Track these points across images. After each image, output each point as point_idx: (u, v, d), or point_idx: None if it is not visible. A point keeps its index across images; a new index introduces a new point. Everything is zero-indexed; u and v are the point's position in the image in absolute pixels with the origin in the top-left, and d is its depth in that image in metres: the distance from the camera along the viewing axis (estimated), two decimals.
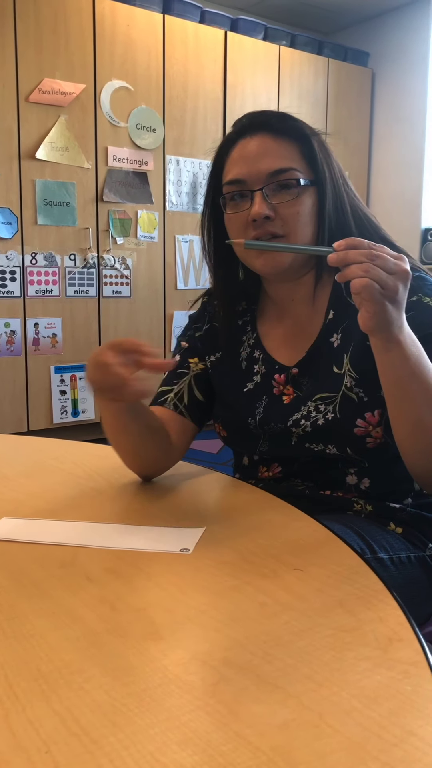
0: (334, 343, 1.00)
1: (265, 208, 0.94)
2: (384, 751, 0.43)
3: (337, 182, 0.99)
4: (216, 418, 1.12)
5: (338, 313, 1.01)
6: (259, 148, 0.96)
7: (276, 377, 1.05)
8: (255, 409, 1.05)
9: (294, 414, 1.01)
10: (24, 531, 0.82)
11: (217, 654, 0.55)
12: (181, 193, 3.88)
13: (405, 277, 0.77)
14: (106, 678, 0.52)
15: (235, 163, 0.98)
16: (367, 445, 0.96)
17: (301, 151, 0.97)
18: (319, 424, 0.97)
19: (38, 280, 3.42)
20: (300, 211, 0.96)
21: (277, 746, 0.44)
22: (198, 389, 1.11)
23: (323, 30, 5.01)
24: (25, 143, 3.31)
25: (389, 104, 4.75)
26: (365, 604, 0.63)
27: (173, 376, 1.12)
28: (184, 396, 1.10)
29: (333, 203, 0.98)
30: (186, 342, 1.16)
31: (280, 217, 0.95)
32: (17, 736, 0.45)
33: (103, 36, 3.50)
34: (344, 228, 0.99)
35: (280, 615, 0.61)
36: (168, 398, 1.09)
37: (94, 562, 0.73)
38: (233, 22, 4.08)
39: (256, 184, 0.96)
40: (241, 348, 1.10)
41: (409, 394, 0.83)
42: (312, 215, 0.97)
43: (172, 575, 0.70)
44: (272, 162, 0.95)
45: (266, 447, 1.05)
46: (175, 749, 0.44)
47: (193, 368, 1.12)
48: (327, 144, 1.01)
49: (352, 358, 0.97)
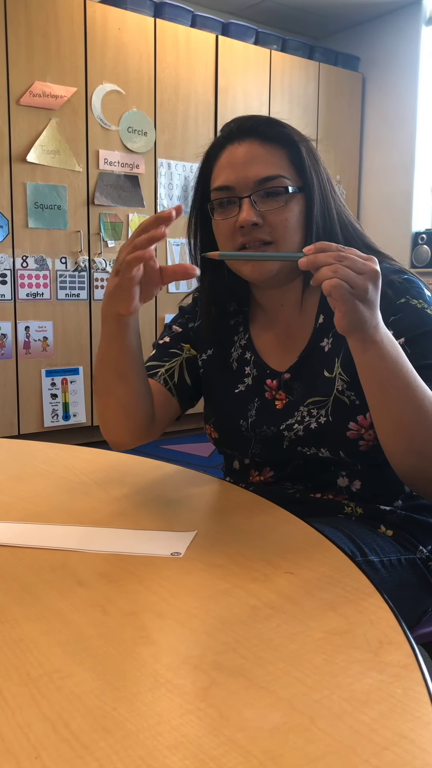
0: (324, 348, 1.00)
1: (253, 215, 0.94)
2: (375, 754, 0.43)
3: (324, 189, 0.99)
4: (207, 419, 1.12)
5: (328, 317, 1.01)
6: (247, 154, 0.96)
7: (268, 382, 1.05)
8: (247, 411, 1.05)
9: (288, 419, 1.01)
10: (14, 535, 0.82)
11: (208, 658, 0.55)
12: (173, 197, 3.88)
13: (374, 277, 0.78)
14: (96, 682, 0.51)
15: (223, 169, 0.98)
16: (360, 448, 0.96)
17: (289, 158, 0.98)
18: (312, 428, 0.98)
19: (29, 283, 3.41)
20: (288, 217, 0.96)
21: (268, 750, 0.44)
22: (188, 373, 1.12)
23: (314, 35, 5.03)
24: (16, 146, 3.30)
25: (380, 108, 4.77)
26: (356, 607, 0.63)
27: (164, 353, 1.13)
28: (174, 374, 1.11)
29: (321, 210, 0.98)
30: (179, 327, 1.16)
31: (268, 224, 0.96)
32: (6, 741, 0.45)
33: (94, 39, 3.50)
34: (331, 235, 0.99)
35: (271, 618, 0.61)
36: (159, 372, 1.10)
37: (84, 566, 0.73)
38: (224, 26, 4.09)
39: (244, 191, 0.96)
40: (233, 348, 1.10)
41: (389, 394, 0.83)
42: (300, 222, 0.98)
43: (163, 579, 0.69)
44: (260, 169, 0.95)
45: (258, 450, 1.05)
46: (166, 754, 0.43)
47: (185, 352, 1.13)
48: (315, 150, 1.01)
49: (343, 361, 0.97)
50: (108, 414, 1.01)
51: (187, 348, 1.14)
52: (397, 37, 4.63)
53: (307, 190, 0.98)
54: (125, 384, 0.97)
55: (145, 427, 1.04)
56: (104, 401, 1.00)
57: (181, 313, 1.18)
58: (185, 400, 1.13)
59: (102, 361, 0.97)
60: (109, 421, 1.02)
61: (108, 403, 1.00)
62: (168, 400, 1.10)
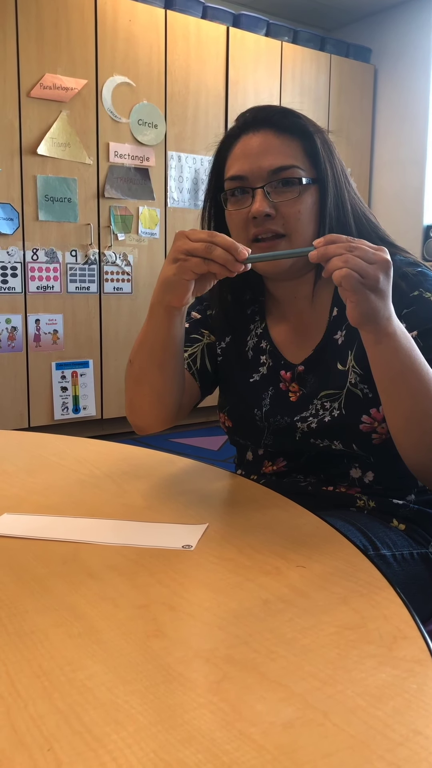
0: (338, 341, 1.00)
1: (266, 205, 0.94)
2: (390, 750, 0.43)
3: (338, 181, 0.98)
4: (221, 408, 1.12)
5: (342, 310, 1.00)
6: (262, 145, 0.96)
7: (282, 373, 1.05)
8: (261, 400, 1.05)
9: (301, 411, 1.01)
10: (25, 527, 0.82)
11: (220, 651, 0.54)
12: (183, 190, 3.87)
13: (385, 266, 0.77)
14: (108, 675, 0.51)
15: (237, 159, 0.98)
16: (373, 441, 0.96)
17: (303, 149, 0.97)
18: (326, 421, 0.97)
19: (39, 276, 3.41)
20: (301, 209, 0.95)
21: (281, 745, 0.43)
22: (208, 359, 1.13)
23: (326, 26, 5.00)
24: (27, 139, 3.30)
25: (391, 101, 4.73)
26: (369, 602, 0.63)
27: (185, 339, 1.13)
28: (197, 359, 1.12)
29: (334, 202, 0.98)
30: (198, 314, 1.16)
31: (281, 215, 0.95)
32: (19, 733, 0.45)
33: (104, 31, 3.49)
34: (344, 227, 0.98)
35: (283, 612, 0.61)
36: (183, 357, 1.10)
37: (96, 559, 0.72)
38: (235, 17, 4.06)
39: (257, 181, 0.95)
40: (248, 337, 1.10)
41: (401, 387, 0.83)
42: (313, 213, 0.97)
43: (175, 572, 0.69)
44: (274, 159, 0.95)
45: (270, 440, 1.05)
46: (178, 747, 0.43)
47: (205, 338, 1.14)
48: (330, 141, 1.00)
49: (356, 354, 0.97)
50: (139, 400, 1.01)
51: (206, 334, 1.14)
52: (409, 29, 4.59)
53: (321, 182, 0.97)
54: (162, 374, 0.97)
55: (174, 413, 1.04)
56: (138, 388, 1.00)
57: (199, 301, 1.18)
58: (206, 385, 1.13)
59: (143, 348, 0.96)
60: (140, 408, 1.02)
61: (142, 390, 1.00)
62: (191, 384, 1.10)
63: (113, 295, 3.67)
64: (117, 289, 3.68)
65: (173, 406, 1.03)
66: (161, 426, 1.05)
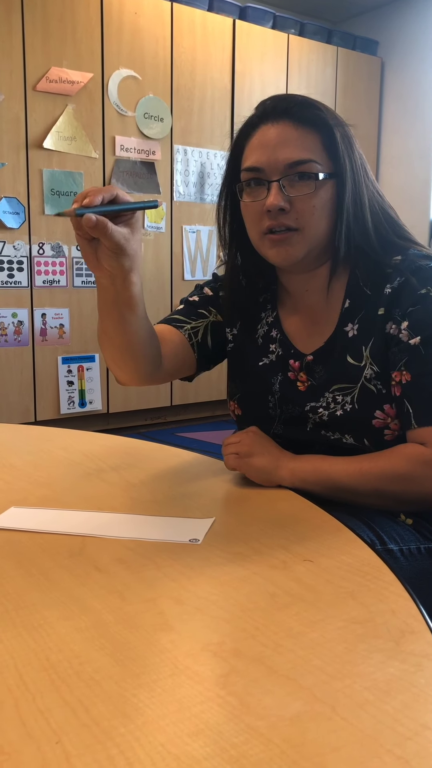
0: (348, 333, 0.99)
1: (280, 199, 0.93)
2: (398, 744, 0.43)
3: (357, 175, 0.97)
4: (232, 396, 1.12)
5: (354, 302, 1.00)
6: (280, 136, 0.95)
7: (291, 362, 1.04)
8: (272, 385, 1.05)
9: (312, 401, 1.01)
10: (32, 520, 0.82)
11: (227, 645, 0.54)
12: (189, 183, 3.86)
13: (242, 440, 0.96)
14: (116, 668, 0.51)
15: (255, 150, 0.97)
16: (385, 437, 0.96)
17: (322, 142, 0.95)
18: (338, 415, 0.97)
19: (45, 270, 3.41)
20: (316, 204, 0.94)
21: (289, 738, 0.43)
22: (211, 336, 1.13)
23: (332, 18, 4.97)
24: (33, 133, 3.30)
25: (399, 94, 4.70)
26: (377, 596, 0.62)
27: (192, 312, 1.13)
28: (199, 332, 1.12)
29: (352, 197, 0.96)
30: (210, 291, 1.16)
31: (296, 209, 0.94)
32: (27, 726, 0.45)
33: (110, 24, 3.47)
34: (361, 222, 0.97)
35: (290, 606, 0.61)
36: (185, 327, 1.11)
37: (102, 552, 0.73)
38: (242, 10, 4.04)
39: (273, 174, 0.94)
40: (259, 325, 1.10)
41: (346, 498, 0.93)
42: (329, 209, 0.96)
43: (182, 566, 0.69)
44: (291, 152, 0.94)
45: (281, 430, 1.05)
46: (186, 741, 0.43)
47: (212, 316, 1.14)
48: (351, 135, 0.99)
49: (372, 351, 0.96)
50: (106, 355, 1.02)
51: (214, 312, 1.14)
52: (416, 21, 4.55)
53: (339, 176, 0.96)
54: (120, 331, 0.96)
55: (148, 371, 1.03)
56: (103, 343, 1.01)
57: (215, 279, 1.18)
58: (202, 360, 1.13)
59: (99, 309, 0.97)
60: (111, 362, 1.03)
61: (105, 346, 1.01)
62: (186, 353, 1.10)
63: None
64: None
65: (142, 364, 1.01)
66: (138, 382, 1.05)
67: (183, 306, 1.16)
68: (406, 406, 0.92)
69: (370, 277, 0.98)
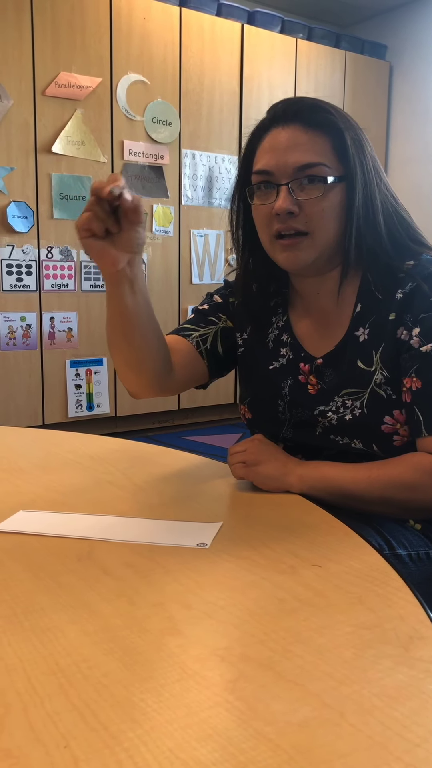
0: (359, 338, 0.99)
1: (289, 203, 0.93)
2: (407, 751, 0.43)
3: (368, 178, 0.97)
4: (242, 399, 1.13)
5: (365, 306, 0.99)
6: (289, 140, 0.95)
7: (301, 365, 1.04)
8: (281, 389, 1.05)
9: (321, 405, 1.00)
10: (41, 524, 0.82)
11: (235, 650, 0.54)
12: (197, 187, 3.86)
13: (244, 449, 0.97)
14: (124, 673, 0.51)
15: (265, 153, 0.97)
16: (394, 443, 0.95)
17: (332, 145, 0.95)
18: (347, 419, 0.97)
19: (54, 274, 3.42)
20: (325, 207, 0.94)
21: (297, 744, 0.43)
22: (221, 342, 1.13)
23: (341, 23, 4.97)
24: (42, 137, 3.31)
25: (407, 97, 4.70)
26: (385, 602, 0.62)
27: (201, 319, 1.14)
28: (208, 340, 1.12)
29: (362, 200, 0.96)
30: (220, 298, 1.17)
31: (305, 213, 0.94)
32: (36, 730, 0.45)
33: (119, 29, 3.49)
34: (373, 226, 0.97)
35: (299, 611, 0.61)
36: (193, 335, 1.12)
37: (110, 556, 0.73)
38: (250, 14, 4.05)
39: (282, 177, 0.95)
40: (270, 329, 1.10)
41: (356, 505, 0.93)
42: (339, 212, 0.96)
43: (190, 570, 0.69)
44: (301, 156, 0.94)
45: (290, 434, 1.05)
46: (195, 746, 0.43)
47: (222, 323, 1.14)
48: (363, 137, 0.98)
49: (383, 355, 0.96)
50: (117, 367, 1.04)
51: (224, 319, 1.15)
52: (425, 25, 4.55)
53: (349, 180, 0.95)
54: (127, 343, 0.98)
55: (158, 382, 1.05)
56: (113, 356, 1.02)
57: (225, 286, 1.19)
58: (214, 366, 1.13)
59: (108, 321, 0.99)
60: (121, 373, 1.04)
61: (115, 358, 1.02)
62: (196, 361, 1.11)
63: None
64: None
65: (152, 375, 1.03)
66: (148, 394, 1.06)
67: (193, 315, 1.16)
68: (416, 413, 0.92)
69: (382, 281, 0.97)
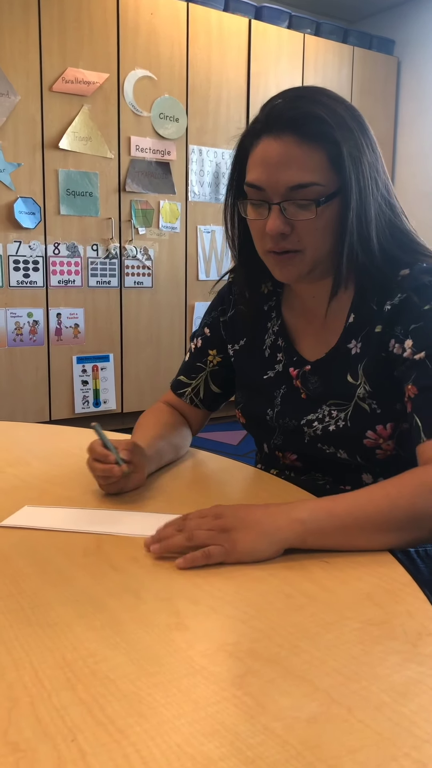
0: (351, 350, 0.97)
1: (280, 223, 0.90)
2: (415, 747, 0.42)
3: (363, 191, 0.92)
4: (237, 404, 1.12)
5: (359, 316, 0.97)
6: (282, 155, 0.89)
7: (290, 370, 1.03)
8: (273, 399, 1.04)
9: (309, 414, 0.99)
10: (47, 519, 0.82)
11: (243, 645, 0.54)
12: (204, 183, 3.86)
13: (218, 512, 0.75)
14: (131, 667, 0.51)
15: (257, 165, 0.92)
16: (377, 456, 0.95)
17: (328, 157, 0.89)
18: (330, 430, 0.96)
19: (61, 270, 3.42)
20: (318, 226, 0.91)
21: (305, 740, 0.43)
22: (214, 383, 1.17)
23: (348, 18, 4.95)
24: (49, 133, 3.31)
25: (415, 93, 4.68)
26: (393, 598, 0.62)
27: (191, 369, 1.18)
28: (200, 391, 1.17)
29: (356, 214, 0.91)
30: (209, 329, 1.16)
31: (297, 232, 0.91)
32: (43, 724, 0.45)
33: (126, 25, 3.48)
34: (366, 240, 0.92)
35: (306, 607, 0.60)
36: (186, 392, 1.18)
37: (117, 551, 0.73)
38: (257, 10, 4.04)
39: (274, 196, 0.90)
40: (266, 335, 1.09)
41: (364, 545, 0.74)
42: (332, 227, 0.92)
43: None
44: (293, 175, 0.89)
45: (280, 441, 1.04)
46: (202, 741, 0.43)
47: (210, 363, 1.16)
48: (362, 146, 0.92)
49: (366, 369, 0.94)
50: None
51: (212, 355, 1.16)
52: None
53: (344, 193, 0.90)
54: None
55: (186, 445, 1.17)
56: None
57: (217, 303, 1.17)
58: (215, 404, 1.21)
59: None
60: None
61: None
62: (197, 413, 1.20)
63: (134, 289, 3.67)
64: (138, 283, 3.68)
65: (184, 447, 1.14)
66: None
67: (188, 358, 1.20)
68: (414, 420, 0.87)
69: (376, 293, 0.95)
